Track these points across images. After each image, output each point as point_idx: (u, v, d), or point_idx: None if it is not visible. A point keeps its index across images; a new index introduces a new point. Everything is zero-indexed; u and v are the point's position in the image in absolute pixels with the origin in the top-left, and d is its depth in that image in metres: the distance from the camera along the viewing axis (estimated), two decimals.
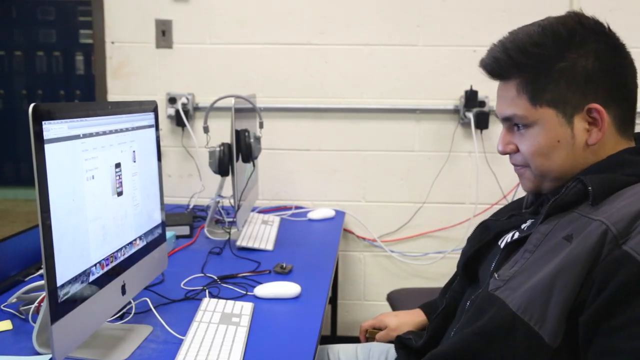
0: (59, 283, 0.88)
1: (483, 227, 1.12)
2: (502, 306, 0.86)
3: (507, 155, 1.01)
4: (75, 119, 0.94)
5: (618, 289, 0.76)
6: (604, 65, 0.89)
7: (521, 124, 0.94)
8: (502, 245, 1.00)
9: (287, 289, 1.38)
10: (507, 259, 0.95)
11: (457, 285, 1.18)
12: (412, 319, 1.37)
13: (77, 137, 0.94)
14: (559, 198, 0.89)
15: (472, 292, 1.04)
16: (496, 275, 0.92)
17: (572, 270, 0.80)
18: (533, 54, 0.90)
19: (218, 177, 1.90)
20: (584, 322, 0.79)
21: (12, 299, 1.25)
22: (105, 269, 1.04)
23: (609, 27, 0.92)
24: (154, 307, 1.18)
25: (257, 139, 1.83)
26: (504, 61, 0.93)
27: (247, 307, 1.27)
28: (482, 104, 2.30)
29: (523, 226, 1.00)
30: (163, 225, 1.33)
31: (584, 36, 0.89)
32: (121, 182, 1.10)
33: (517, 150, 0.97)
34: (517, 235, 0.97)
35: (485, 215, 2.32)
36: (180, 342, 1.10)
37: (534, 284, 0.84)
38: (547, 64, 0.90)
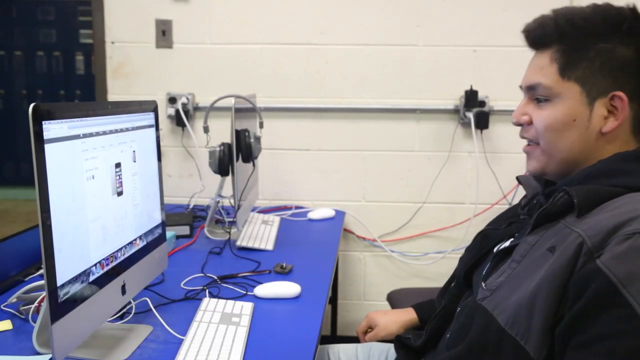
0: (59, 283, 0.88)
1: (482, 236, 1.11)
2: (491, 320, 0.86)
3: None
4: (75, 119, 0.94)
5: (587, 304, 0.75)
6: None
7: (543, 96, 0.94)
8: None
9: (287, 289, 1.38)
10: (495, 268, 0.94)
11: (454, 288, 1.18)
12: (400, 317, 1.37)
13: (77, 137, 0.94)
14: (546, 208, 0.88)
15: (467, 296, 1.04)
16: (483, 285, 0.92)
17: (552, 283, 0.79)
18: (579, 26, 0.91)
19: (218, 177, 1.90)
20: (557, 335, 0.79)
21: (12, 299, 1.25)
22: (105, 268, 1.04)
23: None
24: (154, 307, 1.18)
25: (257, 139, 1.83)
26: (550, 27, 0.93)
27: (247, 307, 1.27)
28: (482, 104, 2.29)
29: (516, 235, 1.00)
30: (163, 225, 1.33)
31: (633, 27, 0.89)
32: (121, 182, 1.10)
33: (531, 123, 0.97)
34: (508, 243, 0.97)
35: (486, 215, 2.35)
36: (180, 342, 1.10)
37: (520, 297, 0.83)
38: (589, 40, 0.90)
